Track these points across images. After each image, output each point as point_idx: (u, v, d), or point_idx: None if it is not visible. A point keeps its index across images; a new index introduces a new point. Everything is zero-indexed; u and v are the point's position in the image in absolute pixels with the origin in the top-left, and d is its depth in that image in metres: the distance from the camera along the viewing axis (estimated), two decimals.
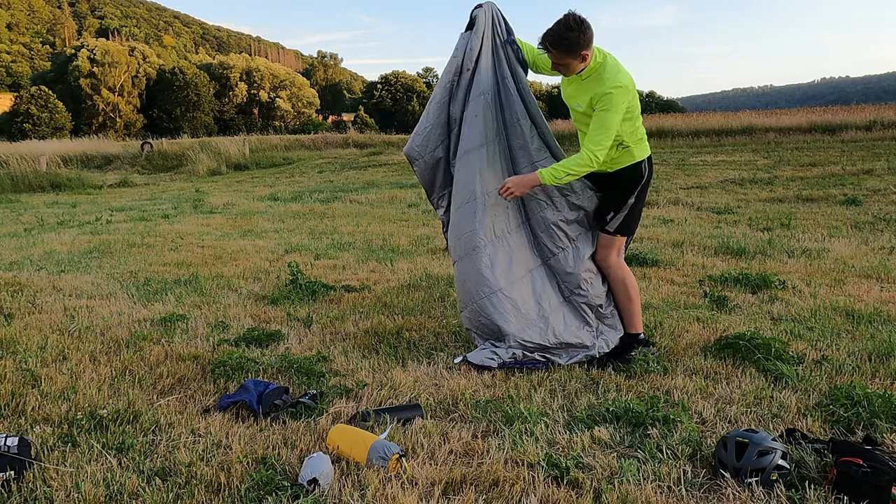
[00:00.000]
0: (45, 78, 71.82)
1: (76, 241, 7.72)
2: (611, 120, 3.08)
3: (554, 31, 3.08)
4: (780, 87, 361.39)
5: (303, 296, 4.80)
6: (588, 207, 3.48)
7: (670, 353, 3.55)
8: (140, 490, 2.22)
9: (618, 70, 3.15)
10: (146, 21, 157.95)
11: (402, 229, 8.44)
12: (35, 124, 56.28)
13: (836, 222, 8.01)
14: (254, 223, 9.33)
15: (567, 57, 3.11)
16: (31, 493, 2.22)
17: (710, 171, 14.61)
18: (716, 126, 23.23)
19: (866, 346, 3.55)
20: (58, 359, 3.54)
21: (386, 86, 76.11)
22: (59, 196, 15.48)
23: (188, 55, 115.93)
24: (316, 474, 2.22)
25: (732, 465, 2.27)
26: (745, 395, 2.97)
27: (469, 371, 3.34)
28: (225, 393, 3.05)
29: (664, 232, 7.58)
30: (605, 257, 3.53)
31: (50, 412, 2.82)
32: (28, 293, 5.03)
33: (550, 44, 3.10)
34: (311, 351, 3.63)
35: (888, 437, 2.53)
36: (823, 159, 15.13)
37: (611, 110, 3.08)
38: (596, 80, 3.17)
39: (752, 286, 4.88)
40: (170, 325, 4.15)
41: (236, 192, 14.84)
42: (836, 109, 28.36)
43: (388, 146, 28.61)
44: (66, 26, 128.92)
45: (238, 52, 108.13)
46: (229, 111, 73.71)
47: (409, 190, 13.62)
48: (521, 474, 2.30)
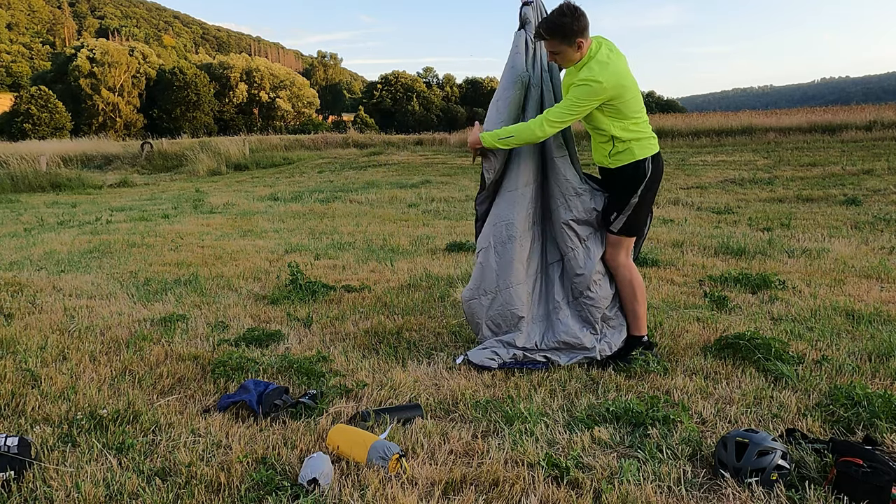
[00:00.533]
0: (45, 78, 71.84)
1: (76, 241, 7.72)
2: (577, 106, 3.14)
3: (548, 19, 3.16)
4: (780, 87, 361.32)
5: (303, 296, 4.80)
6: (600, 208, 3.48)
7: (670, 353, 3.55)
8: (140, 490, 2.22)
9: (603, 67, 3.14)
10: (146, 21, 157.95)
11: (402, 229, 8.44)
12: (35, 124, 56.30)
13: (836, 222, 8.01)
14: (254, 223, 9.33)
15: (562, 44, 3.15)
16: (31, 493, 2.22)
17: (710, 171, 14.62)
18: (716, 126, 23.24)
19: (866, 346, 3.55)
20: (58, 359, 3.54)
21: (386, 86, 76.12)
22: (59, 196, 15.48)
23: (188, 55, 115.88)
24: (316, 474, 2.22)
25: (732, 465, 2.27)
26: (745, 395, 2.97)
27: (469, 371, 3.34)
28: (225, 393, 3.05)
29: (664, 232, 7.58)
30: (613, 257, 3.50)
31: (50, 412, 2.82)
32: (28, 293, 5.03)
33: (545, 31, 3.15)
34: (311, 351, 3.63)
35: (888, 437, 2.53)
36: (823, 159, 15.13)
37: (579, 98, 3.13)
38: (580, 69, 3.22)
39: (752, 286, 4.88)
40: (170, 325, 4.15)
41: (236, 192, 14.84)
42: (836, 109, 28.35)
43: (388, 146, 28.65)
44: (66, 26, 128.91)
45: (238, 52, 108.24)
46: (229, 111, 73.72)
47: (409, 190, 13.63)
48: (521, 474, 2.30)
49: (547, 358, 3.38)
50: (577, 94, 3.13)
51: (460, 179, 15.70)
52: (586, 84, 3.10)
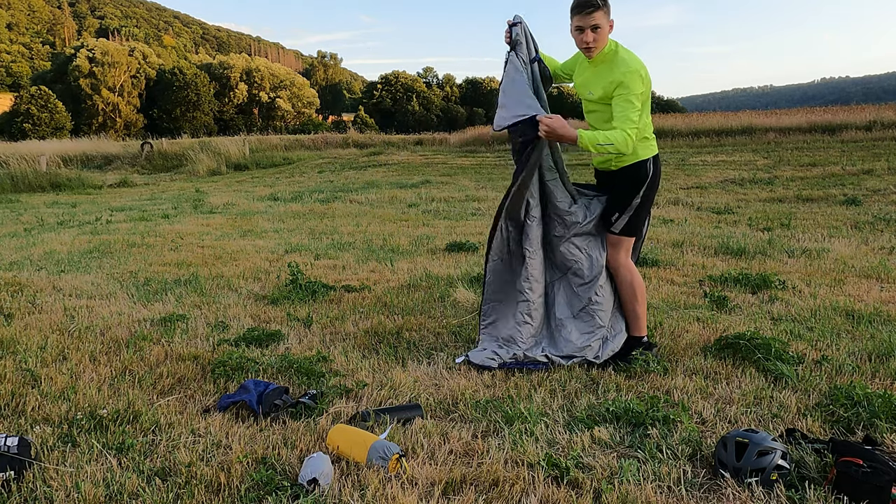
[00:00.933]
0: (45, 78, 71.82)
1: (76, 241, 7.72)
2: (632, 105, 3.09)
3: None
4: (780, 87, 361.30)
5: (303, 296, 4.80)
6: (598, 213, 3.47)
7: (670, 353, 3.55)
8: (140, 490, 2.22)
9: (631, 57, 3.18)
10: (146, 21, 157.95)
11: (402, 229, 8.44)
12: (35, 124, 56.26)
13: (836, 222, 8.01)
14: (254, 223, 9.33)
15: (606, 17, 3.14)
16: (31, 493, 2.22)
17: (710, 171, 14.62)
18: (716, 126, 23.23)
19: (866, 346, 3.55)
20: (58, 359, 3.54)
21: (386, 86, 76.10)
22: (59, 196, 15.48)
23: (188, 55, 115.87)
24: (316, 474, 2.22)
25: (732, 465, 2.27)
26: (745, 395, 2.97)
27: (469, 371, 3.34)
28: (225, 393, 3.05)
29: (664, 232, 7.58)
30: (614, 257, 3.50)
31: (50, 412, 2.82)
32: (28, 293, 5.03)
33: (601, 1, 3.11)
34: (311, 351, 3.63)
35: (888, 437, 2.53)
36: (823, 159, 15.14)
37: (630, 94, 3.09)
38: (609, 66, 3.20)
39: (752, 286, 4.88)
40: (170, 325, 4.15)
41: (236, 192, 14.84)
42: (836, 109, 28.33)
43: (388, 146, 28.64)
44: (66, 26, 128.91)
45: (238, 52, 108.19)
46: (229, 111, 73.70)
47: (409, 190, 13.63)
48: (521, 474, 2.30)
49: (548, 357, 3.38)
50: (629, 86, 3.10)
51: (460, 179, 15.70)
52: (634, 72, 3.10)
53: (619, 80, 3.11)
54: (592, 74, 3.29)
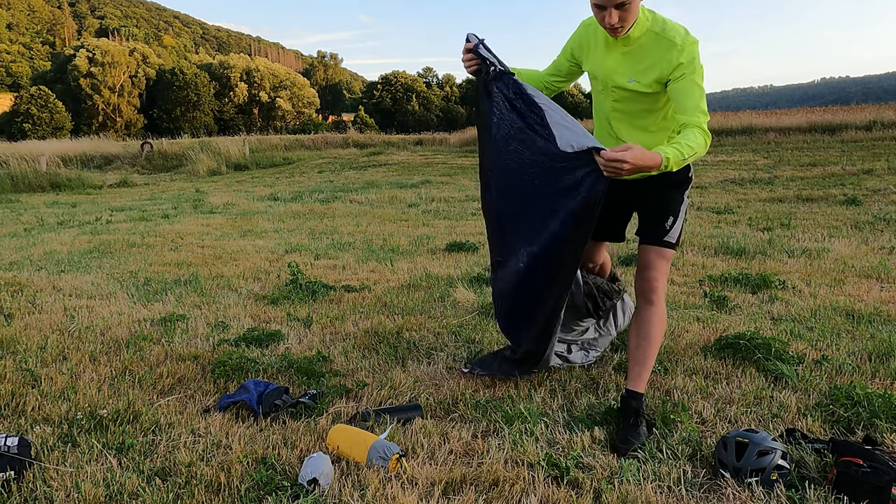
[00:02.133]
0: (44, 78, 71.79)
1: (76, 241, 7.72)
2: (701, 91, 2.46)
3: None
4: (780, 87, 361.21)
5: (303, 296, 4.80)
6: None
7: (670, 353, 3.55)
8: (140, 490, 2.22)
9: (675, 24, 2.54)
10: (146, 21, 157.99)
11: (402, 229, 8.44)
12: (35, 124, 56.27)
13: (836, 222, 8.01)
14: (254, 223, 9.33)
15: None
16: (31, 493, 2.22)
17: (710, 171, 14.61)
18: (716, 126, 23.19)
19: (866, 346, 3.55)
20: (58, 359, 3.54)
21: (386, 86, 76.08)
22: (59, 196, 15.48)
23: (188, 55, 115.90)
24: (316, 474, 2.22)
25: (732, 465, 2.27)
26: (745, 395, 2.97)
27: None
28: (225, 393, 3.05)
29: None
30: (655, 280, 2.73)
31: (50, 412, 2.82)
32: (28, 293, 5.03)
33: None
34: (311, 351, 3.63)
35: (888, 437, 2.53)
36: (823, 159, 15.13)
37: (695, 75, 2.45)
38: (655, 41, 2.51)
39: (752, 286, 4.88)
40: (170, 325, 4.15)
41: (236, 192, 14.84)
42: (836, 109, 28.33)
43: (388, 146, 28.63)
44: (66, 26, 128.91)
45: (238, 52, 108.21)
46: (229, 111, 73.69)
47: (409, 190, 13.63)
48: (521, 474, 2.30)
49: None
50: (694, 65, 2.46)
51: (460, 179, 15.70)
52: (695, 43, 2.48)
53: (679, 60, 2.45)
54: (625, 56, 2.60)
